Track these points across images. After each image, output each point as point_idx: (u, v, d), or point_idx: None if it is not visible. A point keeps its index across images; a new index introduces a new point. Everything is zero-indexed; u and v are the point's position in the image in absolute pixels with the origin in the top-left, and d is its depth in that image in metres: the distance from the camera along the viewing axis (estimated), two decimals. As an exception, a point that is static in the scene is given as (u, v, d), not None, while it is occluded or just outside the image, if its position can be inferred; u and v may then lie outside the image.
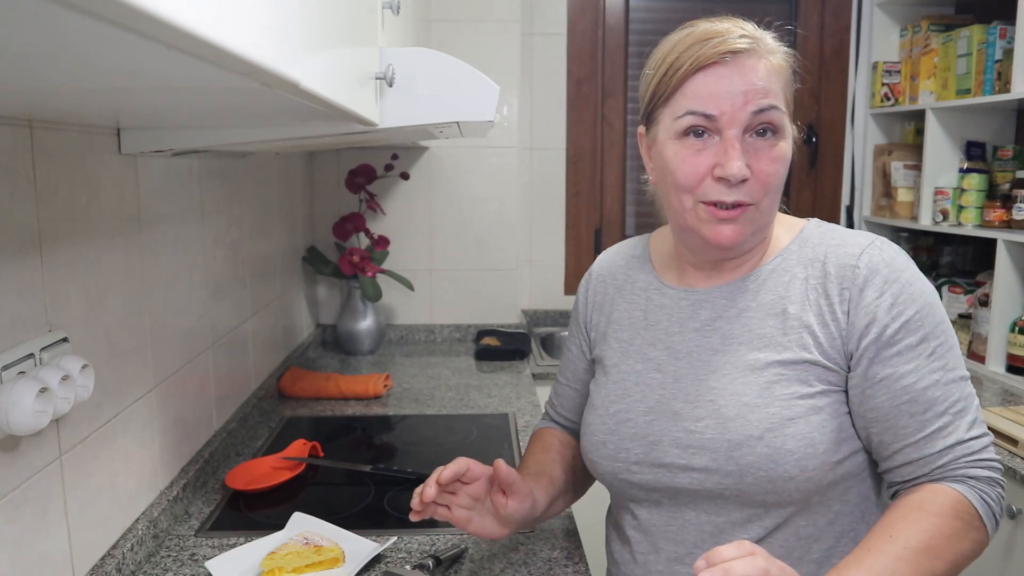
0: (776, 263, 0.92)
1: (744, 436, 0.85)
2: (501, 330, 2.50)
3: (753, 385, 0.87)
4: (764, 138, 0.86)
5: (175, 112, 0.83)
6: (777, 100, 0.85)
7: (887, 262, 0.87)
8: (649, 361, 0.96)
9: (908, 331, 0.85)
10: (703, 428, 0.88)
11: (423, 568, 1.06)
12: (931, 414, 0.84)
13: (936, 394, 0.84)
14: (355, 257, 2.24)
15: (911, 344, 0.85)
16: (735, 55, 0.84)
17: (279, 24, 0.50)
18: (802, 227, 0.95)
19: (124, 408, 1.11)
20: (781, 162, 0.86)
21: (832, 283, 0.87)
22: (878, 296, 0.85)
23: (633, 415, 0.94)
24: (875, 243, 0.89)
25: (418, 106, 0.96)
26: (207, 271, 1.45)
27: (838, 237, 0.91)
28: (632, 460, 0.93)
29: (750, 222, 0.87)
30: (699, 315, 0.94)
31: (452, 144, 2.45)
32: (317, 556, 1.08)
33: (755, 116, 0.84)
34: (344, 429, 1.72)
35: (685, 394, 0.91)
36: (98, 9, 0.29)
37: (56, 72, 0.50)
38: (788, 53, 0.90)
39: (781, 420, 0.85)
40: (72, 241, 0.96)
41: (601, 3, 2.61)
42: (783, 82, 0.87)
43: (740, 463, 0.85)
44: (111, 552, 1.05)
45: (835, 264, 0.88)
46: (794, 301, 0.89)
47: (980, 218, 2.22)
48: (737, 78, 0.84)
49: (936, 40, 2.40)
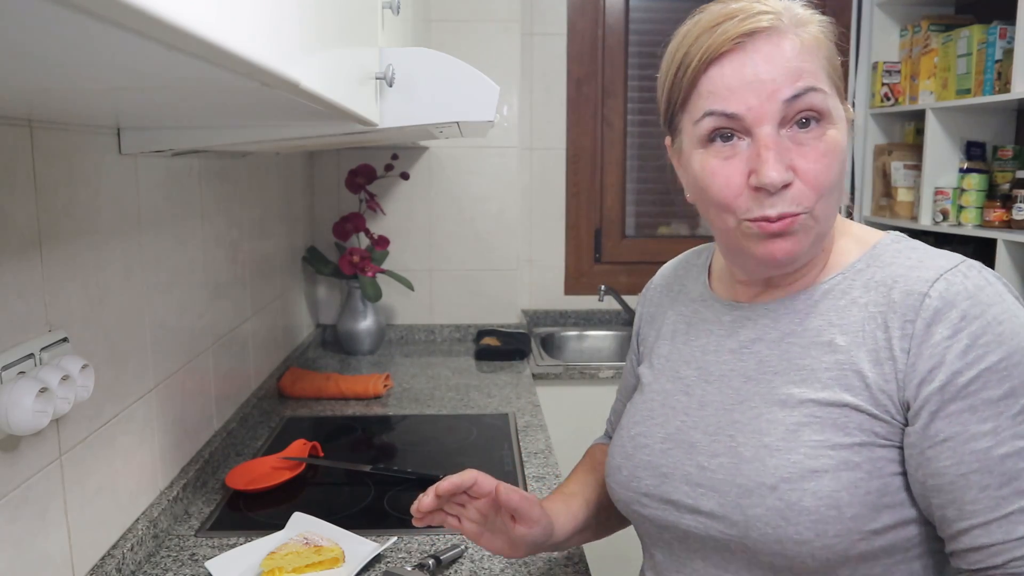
0: (835, 282, 0.77)
1: (756, 483, 0.72)
2: (501, 330, 2.50)
3: (779, 424, 0.73)
4: (807, 129, 0.71)
5: (175, 112, 0.83)
6: (816, 80, 0.71)
7: (970, 293, 0.69)
8: (679, 381, 0.84)
9: (988, 382, 0.66)
10: (716, 466, 0.76)
11: (423, 568, 1.06)
12: (1009, 491, 0.66)
13: (1020, 465, 0.66)
14: (355, 257, 2.24)
15: (990, 398, 0.66)
16: (752, 37, 0.70)
17: (279, 24, 0.50)
18: (875, 242, 0.78)
19: (124, 408, 1.10)
20: (833, 155, 0.72)
21: (895, 314, 0.71)
22: (951, 335, 0.67)
23: (651, 441, 0.83)
24: (959, 267, 0.71)
25: (418, 106, 0.96)
26: (207, 271, 1.45)
27: (915, 257, 0.74)
28: (643, 491, 0.82)
29: (806, 231, 0.73)
30: (739, 334, 0.81)
31: (452, 144, 2.45)
32: (317, 556, 1.08)
33: (789, 105, 0.70)
34: (344, 429, 1.72)
35: (706, 424, 0.79)
36: (98, 9, 0.29)
37: (56, 72, 0.50)
38: (825, 22, 0.75)
39: (802, 471, 0.70)
40: (72, 241, 0.96)
41: (601, 3, 2.61)
42: (822, 58, 0.73)
43: (747, 513, 0.72)
44: (111, 552, 1.05)
45: (902, 290, 0.71)
46: (846, 331, 0.73)
47: (980, 218, 2.22)
48: (761, 63, 0.70)
49: (936, 40, 2.40)
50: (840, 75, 0.76)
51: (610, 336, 2.64)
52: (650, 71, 2.64)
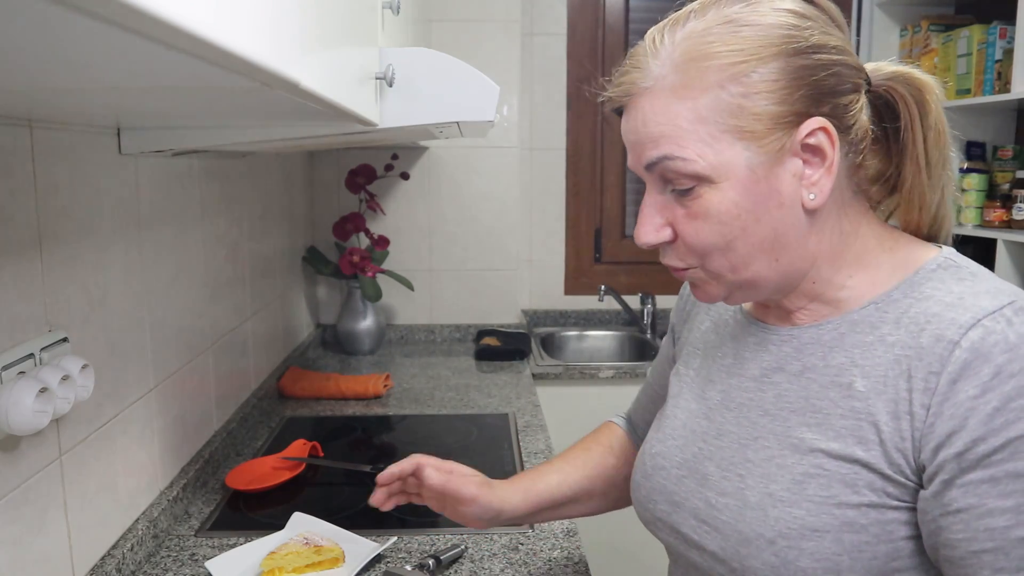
0: (866, 312, 0.68)
1: (756, 533, 0.67)
2: (501, 330, 2.50)
3: (787, 472, 0.67)
4: (681, 194, 0.66)
5: (175, 112, 0.83)
6: (675, 145, 0.64)
7: (1010, 345, 0.58)
8: (703, 402, 0.79)
9: (1016, 452, 0.58)
10: (722, 506, 0.71)
11: (423, 568, 1.06)
12: None
13: None
14: (355, 257, 2.24)
15: (1016, 472, 0.58)
16: (627, 98, 0.68)
17: (279, 24, 0.50)
18: (920, 266, 0.68)
19: (124, 408, 1.11)
20: (703, 221, 0.66)
21: (920, 362, 0.62)
22: (978, 394, 0.58)
23: (668, 464, 0.78)
24: (1003, 311, 0.60)
25: (418, 106, 0.96)
26: (207, 271, 1.45)
27: (957, 292, 0.64)
28: (657, 516, 0.79)
29: (710, 281, 0.70)
30: (761, 360, 0.74)
31: (452, 144, 2.45)
32: (317, 556, 1.08)
33: (650, 172, 0.67)
34: (344, 429, 1.72)
35: (721, 457, 0.73)
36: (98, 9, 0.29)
37: (56, 72, 0.50)
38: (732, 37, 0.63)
39: (802, 528, 0.65)
40: (72, 241, 0.96)
41: (601, 3, 2.61)
42: (701, 105, 0.63)
43: (744, 563, 0.68)
44: (111, 552, 1.05)
45: (932, 335, 0.62)
46: (868, 374, 0.65)
47: (980, 218, 2.22)
48: (630, 127, 0.68)
49: (936, 40, 2.40)
50: (748, 108, 0.63)
51: (610, 336, 2.64)
52: (650, 71, 2.64)
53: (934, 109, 0.70)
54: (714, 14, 0.65)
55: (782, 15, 0.64)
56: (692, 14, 0.67)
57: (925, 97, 0.69)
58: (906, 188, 0.71)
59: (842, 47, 0.66)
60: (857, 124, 0.67)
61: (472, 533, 1.19)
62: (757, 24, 0.64)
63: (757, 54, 0.63)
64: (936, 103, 0.70)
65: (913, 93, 0.70)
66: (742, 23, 0.64)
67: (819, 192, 0.66)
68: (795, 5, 0.66)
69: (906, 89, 0.70)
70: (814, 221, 0.67)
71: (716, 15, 0.65)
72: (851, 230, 0.70)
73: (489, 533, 1.19)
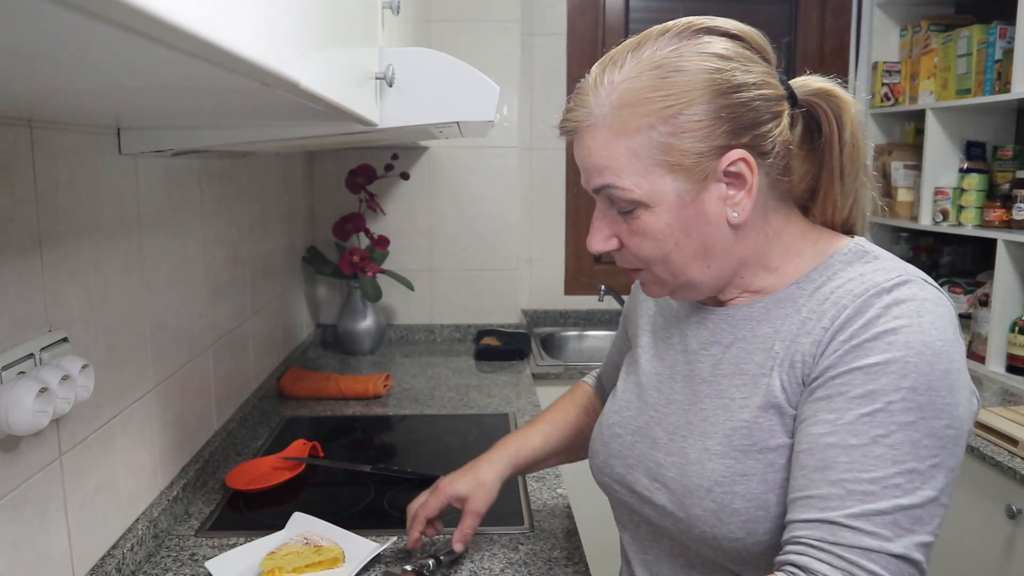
0: (789, 291, 0.79)
1: (696, 485, 0.77)
2: (501, 330, 2.50)
3: (719, 428, 0.78)
4: (624, 214, 0.77)
5: (175, 112, 0.83)
6: (615, 175, 0.74)
7: (885, 305, 0.69)
8: (655, 376, 0.89)
9: (854, 380, 0.68)
10: (669, 464, 0.81)
11: (423, 569, 1.06)
12: (819, 477, 0.68)
13: (841, 458, 0.67)
14: (355, 257, 2.24)
15: (847, 395, 0.68)
16: (573, 134, 0.78)
17: (279, 24, 0.50)
18: (833, 252, 0.79)
19: (124, 408, 1.11)
20: (642, 237, 0.77)
21: (818, 322, 0.73)
22: (847, 339, 0.70)
23: (623, 432, 0.89)
24: (887, 283, 0.71)
25: (418, 106, 0.96)
26: (207, 271, 1.45)
27: (858, 271, 0.75)
28: (614, 478, 0.90)
29: (656, 281, 0.82)
30: (700, 335, 0.85)
31: (452, 144, 2.45)
32: (317, 556, 1.08)
33: (597, 195, 0.79)
34: (344, 429, 1.72)
35: (668, 422, 0.84)
36: (98, 9, 0.29)
37: (56, 72, 0.50)
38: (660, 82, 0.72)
39: (732, 475, 0.75)
40: (72, 241, 0.96)
41: (601, 3, 2.61)
42: (635, 143, 0.73)
43: (689, 512, 0.78)
44: (111, 552, 1.05)
45: (832, 302, 0.73)
46: (784, 338, 0.76)
47: (980, 218, 2.22)
48: (579, 155, 0.79)
49: (936, 40, 2.40)
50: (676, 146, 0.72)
51: (610, 336, 2.64)
52: (650, 71, 2.64)
53: (850, 125, 0.78)
54: (648, 56, 0.74)
55: (706, 59, 0.73)
56: (629, 54, 0.75)
57: (842, 114, 0.78)
58: (821, 194, 0.82)
59: (761, 81, 0.74)
60: (776, 147, 0.75)
61: (472, 533, 1.19)
62: (683, 70, 0.73)
63: (683, 99, 0.72)
64: (852, 120, 0.79)
65: (833, 109, 0.78)
66: (670, 68, 0.73)
67: (741, 211, 0.76)
68: (719, 47, 0.74)
69: (827, 105, 0.78)
70: (739, 232, 0.78)
71: (649, 58, 0.74)
72: (774, 232, 0.80)
73: (489, 533, 1.19)
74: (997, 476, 1.59)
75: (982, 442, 1.63)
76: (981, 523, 1.64)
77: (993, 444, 1.62)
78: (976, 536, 1.65)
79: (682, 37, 0.75)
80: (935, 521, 0.66)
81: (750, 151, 0.74)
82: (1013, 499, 1.54)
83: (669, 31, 0.76)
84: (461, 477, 1.08)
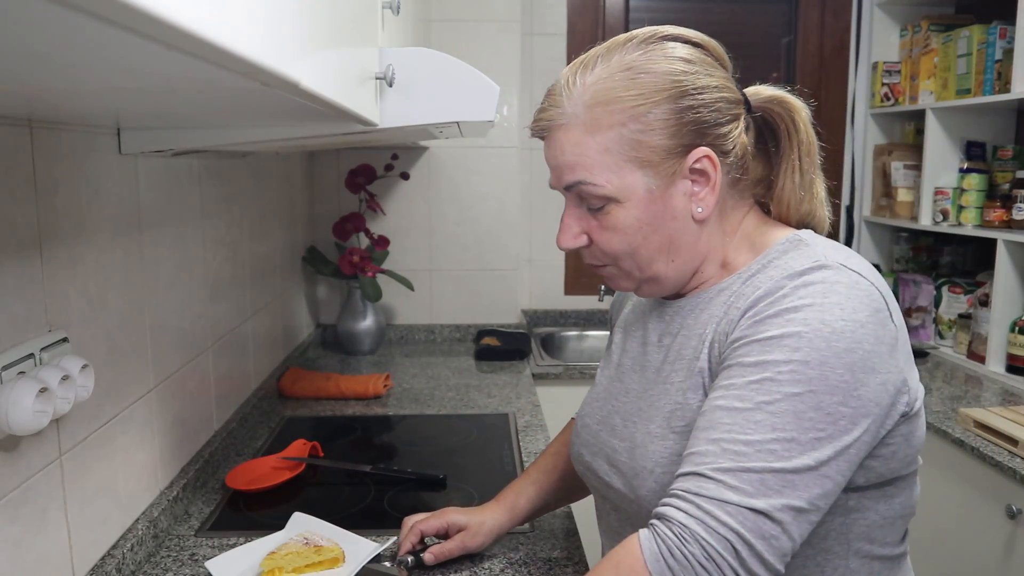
0: (729, 281, 0.83)
1: (641, 467, 0.81)
2: (501, 330, 2.50)
3: (660, 412, 0.82)
4: (593, 211, 0.81)
5: (175, 112, 0.83)
6: (588, 172, 0.78)
7: (794, 287, 0.73)
8: (619, 368, 0.93)
9: (751, 350, 0.72)
10: (622, 449, 0.86)
11: (401, 564, 1.05)
12: (703, 435, 0.71)
13: (724, 419, 0.70)
14: (355, 257, 2.24)
15: (743, 363, 0.72)
16: (546, 132, 0.81)
17: (279, 24, 0.50)
18: (772, 244, 0.82)
19: (124, 408, 1.11)
20: (612, 232, 0.80)
21: (738, 307, 0.77)
22: (754, 315, 0.74)
23: (591, 422, 0.94)
24: (811, 266, 0.74)
25: (418, 106, 0.96)
26: (207, 271, 1.45)
27: (786, 259, 0.78)
28: (584, 466, 0.93)
29: (623, 277, 0.84)
30: (658, 327, 0.89)
31: (452, 144, 2.45)
32: (317, 556, 1.08)
33: (567, 192, 0.82)
34: (344, 429, 1.72)
35: (626, 410, 0.88)
36: (98, 9, 0.29)
37: (56, 72, 0.50)
38: (629, 81, 0.77)
39: (671, 456, 0.79)
40: (72, 241, 0.96)
41: (601, 3, 2.61)
42: (605, 139, 0.77)
43: (638, 493, 0.82)
44: (111, 552, 1.05)
45: (755, 286, 0.77)
46: (713, 323, 0.80)
47: (980, 218, 2.22)
48: (550, 153, 0.82)
49: (936, 40, 2.40)
50: (646, 142, 0.76)
51: (610, 336, 2.64)
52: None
53: (803, 125, 0.83)
54: (618, 60, 0.79)
55: (673, 62, 0.78)
56: (599, 59, 0.79)
57: (795, 117, 0.83)
58: (777, 190, 0.85)
59: (722, 84, 0.79)
60: (736, 147, 0.80)
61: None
62: (652, 72, 0.77)
63: (652, 98, 0.76)
64: (804, 122, 0.83)
65: (787, 112, 0.83)
66: (639, 71, 0.77)
67: (705, 206, 0.80)
68: (683, 53, 0.79)
69: (781, 109, 0.83)
70: (702, 228, 0.82)
71: (619, 61, 0.78)
72: (731, 230, 0.84)
73: (489, 533, 1.19)
74: (997, 476, 1.59)
75: (982, 442, 1.63)
76: (981, 523, 1.64)
77: (993, 444, 1.62)
78: (976, 536, 1.65)
79: (649, 43, 0.80)
80: (814, 491, 0.68)
81: (712, 150, 0.78)
82: (1013, 499, 1.54)
83: (636, 38, 0.80)
84: (467, 512, 1.10)
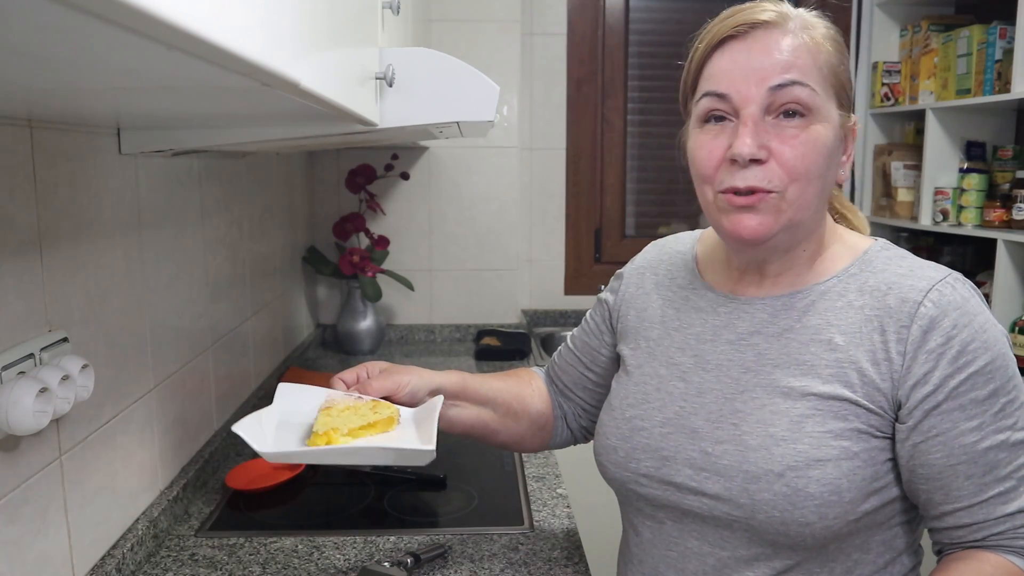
0: (830, 284, 0.83)
1: (763, 470, 0.78)
2: (501, 330, 2.50)
3: (784, 416, 0.80)
4: (791, 119, 0.77)
5: (175, 112, 0.83)
6: (805, 76, 0.76)
7: (959, 304, 0.77)
8: (674, 367, 0.89)
9: (975, 383, 0.75)
10: (721, 453, 0.82)
11: (401, 566, 1.04)
12: (991, 478, 0.76)
13: (1000, 456, 0.76)
14: (355, 257, 2.24)
15: (977, 399, 0.75)
16: (754, 28, 0.77)
17: (279, 24, 0.50)
18: (866, 248, 0.85)
19: (124, 408, 1.11)
20: (811, 147, 0.77)
21: (891, 319, 0.78)
22: (944, 342, 0.75)
23: (648, 424, 0.88)
24: (947, 279, 0.79)
25: (418, 106, 0.96)
26: (207, 271, 1.45)
27: (906, 266, 0.81)
28: (641, 472, 0.87)
29: (774, 212, 0.78)
30: (736, 326, 0.86)
31: (452, 144, 2.45)
32: (374, 414, 0.90)
33: (774, 93, 0.76)
34: (344, 429, 1.71)
35: (708, 411, 0.84)
36: (98, 9, 0.29)
37: (56, 72, 0.50)
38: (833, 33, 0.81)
39: (808, 460, 0.77)
40: (72, 241, 0.96)
41: (601, 3, 2.61)
42: (821, 61, 0.78)
43: (755, 498, 0.79)
44: (111, 552, 1.05)
45: (897, 297, 0.78)
46: (844, 331, 0.80)
47: (980, 218, 2.22)
48: (756, 52, 0.77)
49: (936, 40, 2.40)
50: (843, 85, 0.80)
51: (610, 336, 2.64)
52: (650, 71, 2.64)
53: None
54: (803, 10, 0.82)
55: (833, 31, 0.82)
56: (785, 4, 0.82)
57: None
58: None
59: None
60: None
61: (470, 532, 1.19)
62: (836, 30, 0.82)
63: (843, 51, 0.82)
64: None
65: None
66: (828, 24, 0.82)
67: (845, 171, 0.83)
68: None
69: None
70: (828, 197, 0.84)
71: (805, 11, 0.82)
72: (824, 218, 0.85)
73: (489, 533, 1.19)
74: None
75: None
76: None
77: None
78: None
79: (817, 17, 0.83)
80: None
81: None
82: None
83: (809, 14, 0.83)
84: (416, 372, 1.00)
